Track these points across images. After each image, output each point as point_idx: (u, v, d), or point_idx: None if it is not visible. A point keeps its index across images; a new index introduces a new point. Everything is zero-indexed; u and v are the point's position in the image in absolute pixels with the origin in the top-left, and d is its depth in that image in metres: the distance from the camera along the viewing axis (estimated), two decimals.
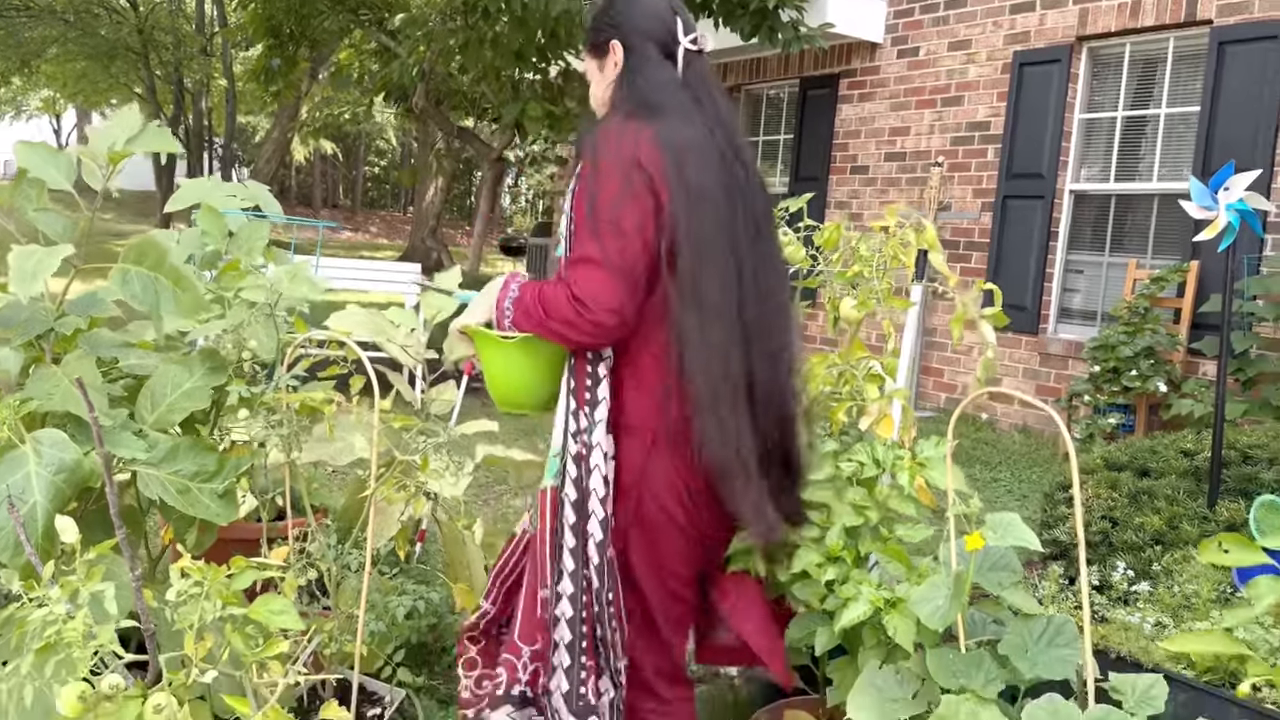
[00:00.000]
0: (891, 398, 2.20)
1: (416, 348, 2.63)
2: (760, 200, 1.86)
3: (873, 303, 2.16)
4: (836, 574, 1.80)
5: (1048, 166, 6.69)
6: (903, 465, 1.93)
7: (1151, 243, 6.30)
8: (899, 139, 7.69)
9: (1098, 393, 5.54)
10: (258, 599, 1.89)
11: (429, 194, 15.46)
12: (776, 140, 8.99)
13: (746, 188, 1.83)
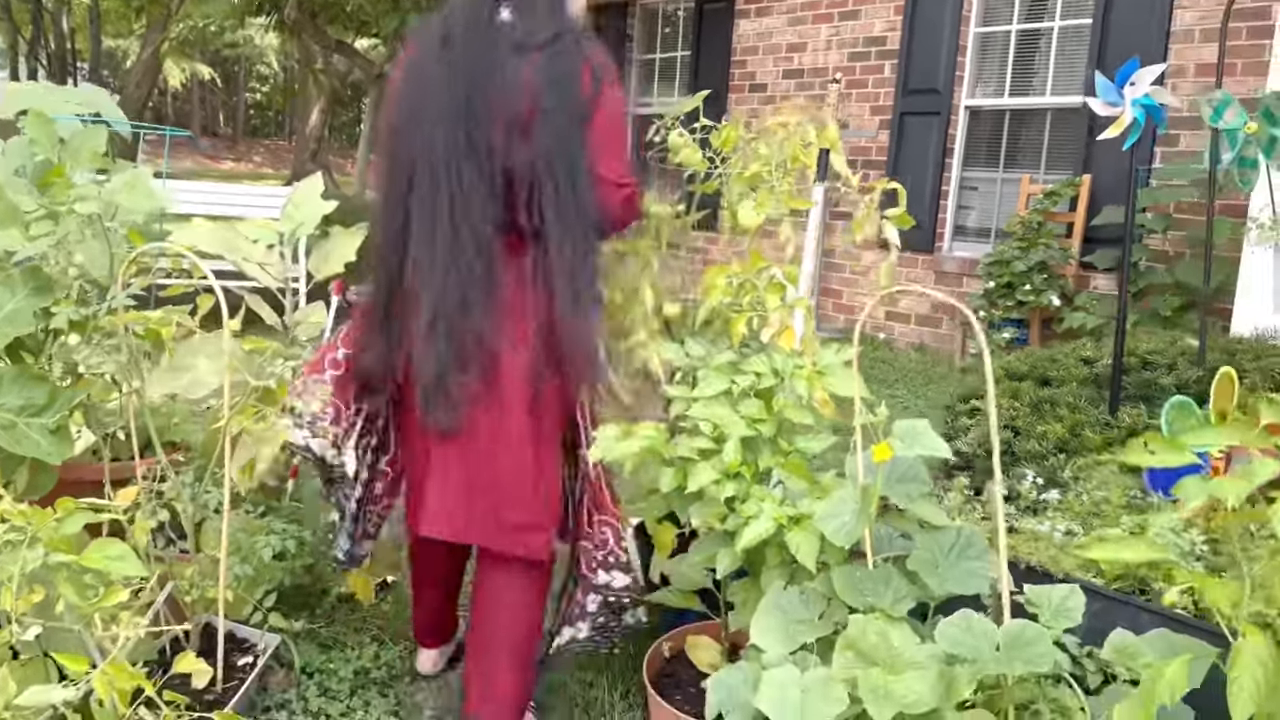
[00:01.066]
0: (793, 308, 2.07)
1: (277, 266, 2.39)
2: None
3: (771, 204, 2.02)
4: (736, 491, 1.67)
5: (944, 82, 6.63)
6: (801, 374, 1.81)
7: (1045, 158, 6.32)
8: (796, 55, 7.54)
9: (992, 308, 5.57)
10: (93, 544, 1.67)
11: (311, 117, 14.75)
12: (674, 57, 8.74)
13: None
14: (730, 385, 1.82)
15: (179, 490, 2.08)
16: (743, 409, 1.78)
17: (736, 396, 1.80)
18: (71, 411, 1.94)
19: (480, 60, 1.86)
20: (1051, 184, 5.97)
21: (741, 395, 1.80)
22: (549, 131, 1.82)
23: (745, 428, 1.73)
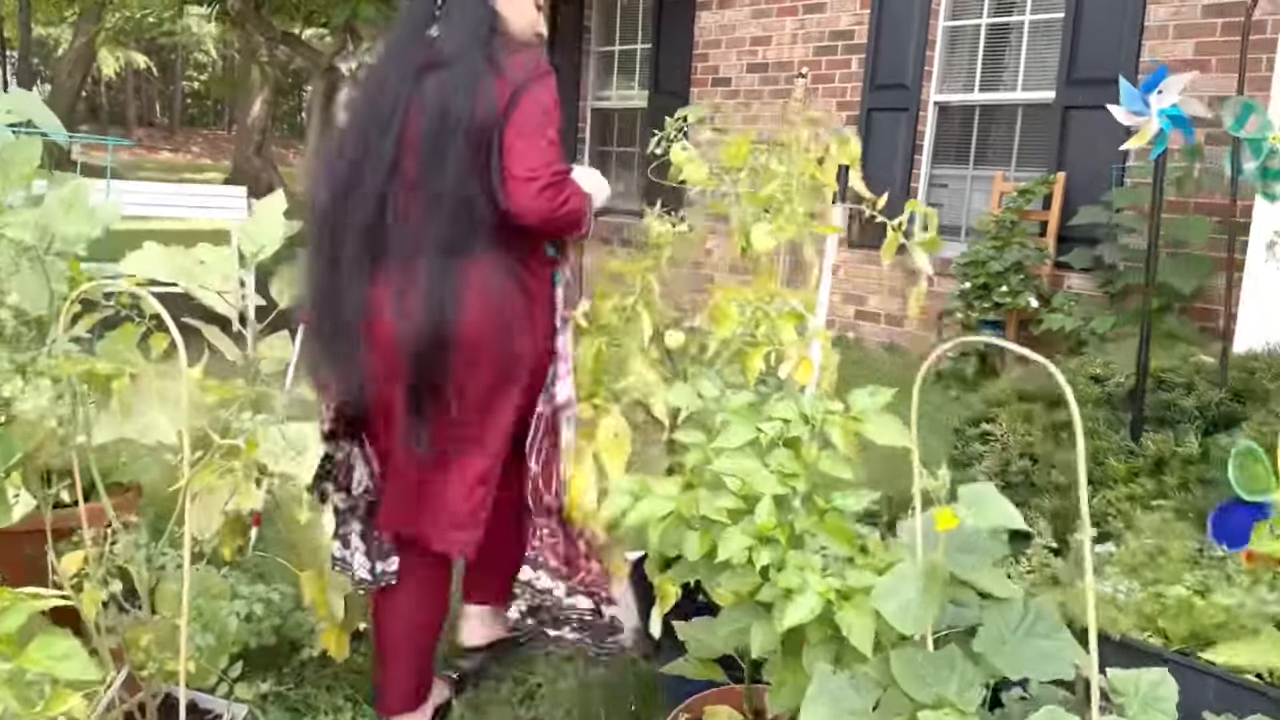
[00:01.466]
0: (811, 339, 1.90)
1: (236, 292, 2.16)
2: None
3: (793, 228, 1.84)
4: (771, 558, 1.49)
5: (912, 77, 6.51)
6: (835, 420, 1.63)
7: (1016, 155, 6.23)
8: (761, 49, 7.37)
9: (969, 309, 5.46)
10: (35, 640, 1.45)
11: (254, 108, 14.27)
12: (633, 50, 8.53)
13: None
14: (757, 434, 1.63)
15: (131, 552, 1.85)
16: (772, 461, 1.60)
17: (765, 447, 1.61)
18: (8, 473, 1.70)
19: (398, 76, 2.00)
20: (1024, 182, 5.87)
21: (771, 445, 1.62)
22: (427, 149, 1.95)
23: (777, 484, 1.55)
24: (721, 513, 1.53)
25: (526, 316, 2.02)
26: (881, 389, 1.67)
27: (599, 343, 2.14)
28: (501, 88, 1.95)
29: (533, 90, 1.95)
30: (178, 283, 2.01)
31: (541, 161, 1.92)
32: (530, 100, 1.95)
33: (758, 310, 1.90)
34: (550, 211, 1.93)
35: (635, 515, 1.57)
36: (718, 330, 1.89)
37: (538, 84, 1.97)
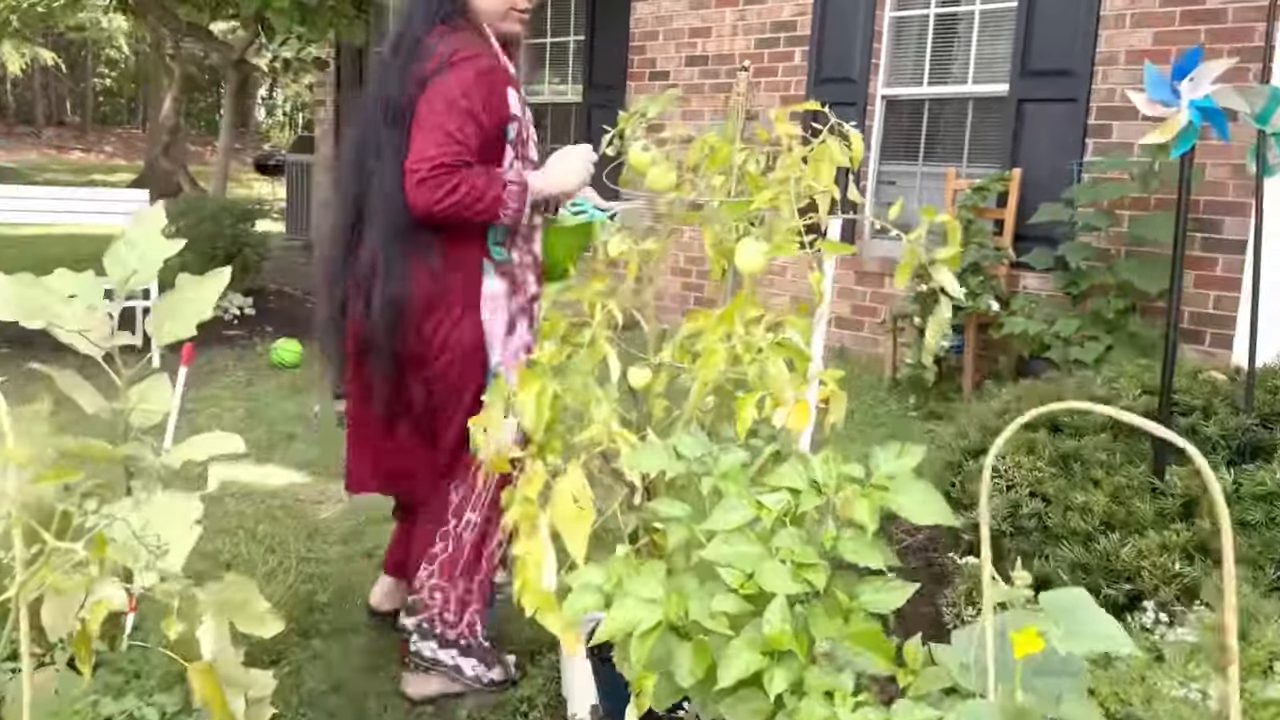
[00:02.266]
0: (810, 380, 1.57)
1: (101, 330, 1.76)
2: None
3: (792, 247, 1.51)
4: (788, 680, 1.16)
5: (859, 70, 6.25)
6: (856, 491, 1.30)
7: (968, 150, 6.00)
8: (700, 41, 7.05)
9: (925, 314, 5.20)
10: None
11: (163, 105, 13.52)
12: (566, 43, 8.15)
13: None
14: (758, 510, 1.29)
15: None
16: (780, 545, 1.26)
17: (770, 527, 1.28)
18: None
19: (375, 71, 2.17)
20: (978, 178, 5.64)
21: (776, 524, 1.28)
22: (372, 141, 2.08)
23: (790, 579, 1.21)
24: (721, 619, 1.19)
25: (442, 305, 2.07)
26: (910, 446, 1.34)
27: (548, 385, 1.78)
28: (420, 75, 1.97)
29: (441, 79, 1.95)
30: (17, 320, 1.60)
31: (423, 155, 1.92)
32: (436, 90, 1.95)
33: (747, 344, 1.56)
34: (428, 205, 1.93)
35: (610, 625, 1.21)
36: (700, 372, 1.54)
37: (449, 72, 1.95)
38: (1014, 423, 1.01)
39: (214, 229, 6.32)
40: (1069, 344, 4.83)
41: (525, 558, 1.62)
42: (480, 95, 1.96)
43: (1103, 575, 1.97)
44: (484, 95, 1.97)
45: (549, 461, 1.74)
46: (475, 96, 1.95)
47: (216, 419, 4.38)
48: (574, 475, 1.63)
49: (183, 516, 1.52)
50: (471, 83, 1.95)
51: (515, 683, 2.31)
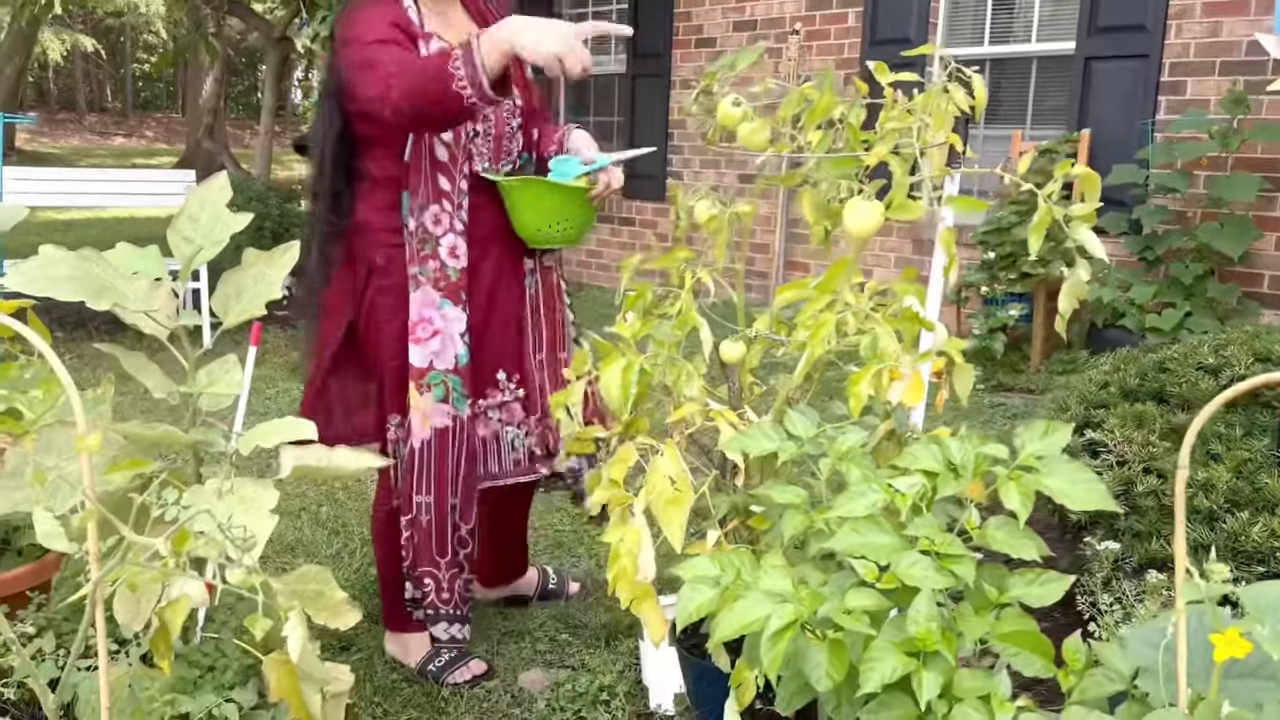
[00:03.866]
0: (928, 351, 1.44)
1: (167, 309, 1.67)
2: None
3: (917, 206, 1.37)
4: (938, 683, 1.04)
5: (915, 31, 6.03)
6: (1004, 472, 1.18)
7: (1031, 112, 5.78)
8: (748, 5, 6.86)
9: (994, 282, 5.02)
10: None
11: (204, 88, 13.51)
12: (609, 11, 7.98)
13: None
14: (889, 495, 1.17)
15: (31, 669, 1.37)
16: (917, 534, 1.14)
17: (907, 514, 1.16)
18: None
19: None
20: (1043, 140, 5.43)
21: (913, 510, 1.16)
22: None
23: (936, 573, 1.09)
24: (860, 618, 1.07)
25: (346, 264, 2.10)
26: (1056, 424, 1.21)
27: (635, 360, 1.67)
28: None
29: (340, 57, 1.98)
30: (83, 300, 1.52)
31: (370, 83, 1.88)
32: (344, 47, 1.96)
33: (857, 314, 1.43)
34: (372, 100, 1.88)
35: (732, 622, 1.10)
36: (809, 344, 1.42)
37: (338, 31, 1.99)
38: (1217, 398, 0.89)
39: (261, 209, 6.27)
40: (1144, 311, 4.64)
41: (619, 546, 1.52)
42: (381, 30, 1.92)
43: (1230, 557, 1.83)
44: (384, 28, 1.93)
45: (639, 442, 1.63)
46: (376, 34, 1.91)
47: (272, 401, 4.33)
48: (670, 455, 1.51)
49: (260, 505, 1.43)
50: (361, 30, 1.93)
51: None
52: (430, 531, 2.13)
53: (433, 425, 2.08)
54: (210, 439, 1.60)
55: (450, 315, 2.07)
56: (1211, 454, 2.05)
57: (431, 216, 2.04)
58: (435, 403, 2.07)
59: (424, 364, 2.06)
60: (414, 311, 2.05)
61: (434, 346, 2.07)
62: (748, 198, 1.81)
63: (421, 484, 2.11)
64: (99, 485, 1.47)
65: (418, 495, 2.12)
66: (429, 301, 2.05)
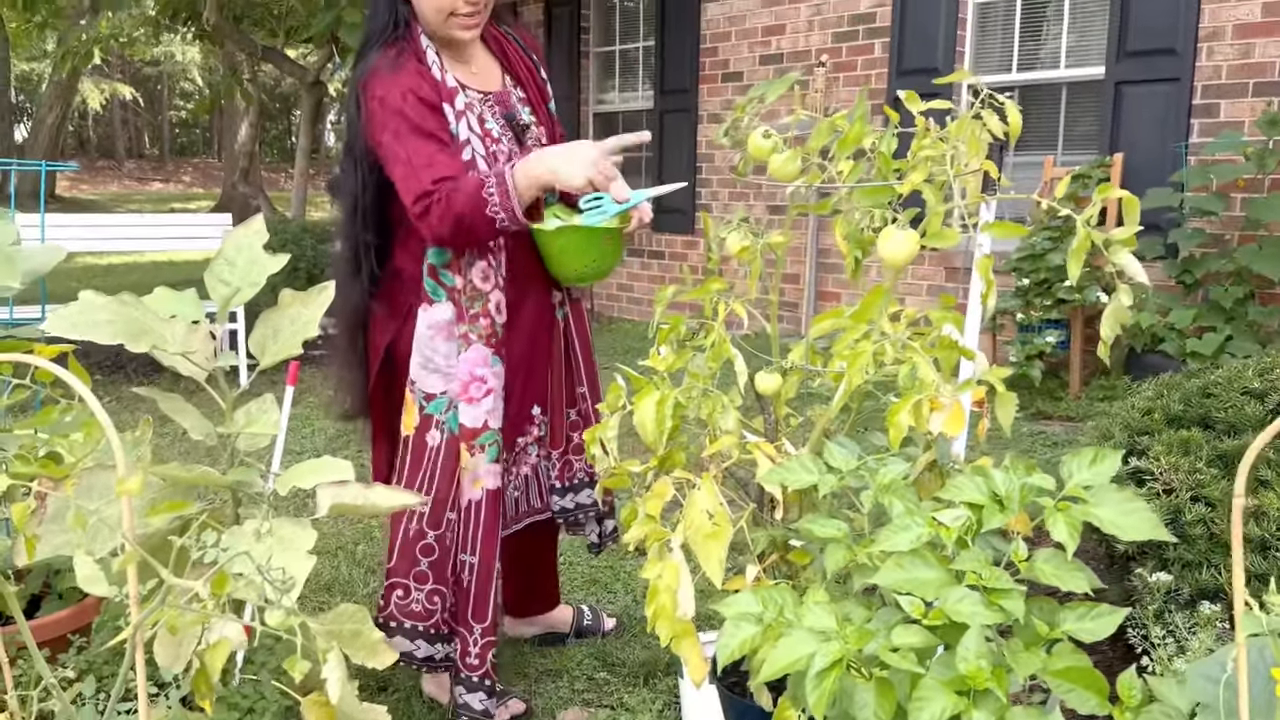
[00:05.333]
0: (969, 380, 1.42)
1: (205, 350, 1.68)
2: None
3: (954, 234, 1.36)
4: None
5: (943, 60, 6.03)
6: (1051, 505, 1.15)
7: (1062, 137, 5.75)
8: (774, 39, 6.90)
9: (1029, 309, 4.97)
10: None
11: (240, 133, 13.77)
12: (636, 49, 8.06)
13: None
14: (933, 528, 1.15)
15: (71, 713, 1.37)
16: (965, 566, 1.12)
17: (954, 547, 1.13)
18: None
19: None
20: (1076, 166, 5.39)
21: (959, 543, 1.14)
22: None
23: (985, 608, 1.06)
24: (907, 655, 1.05)
25: (375, 318, 2.12)
26: (1104, 451, 1.19)
27: (670, 393, 1.66)
28: (355, 99, 2.02)
29: (373, 108, 1.95)
30: (122, 342, 1.53)
31: (407, 193, 1.92)
32: (371, 120, 1.95)
33: (896, 343, 1.42)
34: (435, 239, 1.96)
35: (776, 660, 1.08)
36: (848, 375, 1.40)
37: (363, 97, 1.98)
38: (1271, 427, 0.86)
39: (297, 251, 6.35)
40: (1184, 336, 4.57)
41: (657, 582, 1.50)
42: (410, 105, 1.93)
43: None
44: (413, 103, 1.93)
45: (675, 475, 1.61)
46: (405, 108, 1.92)
47: (308, 439, 4.35)
48: (707, 489, 1.50)
49: (298, 546, 1.42)
50: (382, 92, 1.94)
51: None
52: (470, 593, 2.08)
53: (484, 486, 2.05)
54: (248, 479, 1.60)
55: (499, 372, 2.06)
56: (1261, 480, 2.00)
57: (479, 272, 2.03)
58: (488, 463, 2.05)
59: (478, 424, 2.03)
60: (464, 371, 2.03)
61: (488, 405, 2.04)
62: (779, 228, 1.80)
63: (468, 544, 2.08)
64: (138, 527, 1.47)
65: (464, 554, 2.08)
66: (482, 360, 2.03)
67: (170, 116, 35.23)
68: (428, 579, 2.08)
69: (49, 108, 19.08)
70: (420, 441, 2.07)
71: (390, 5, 2.00)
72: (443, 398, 2.06)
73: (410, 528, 2.08)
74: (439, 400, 2.06)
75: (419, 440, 2.07)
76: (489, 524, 2.07)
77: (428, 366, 2.06)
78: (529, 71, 2.19)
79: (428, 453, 2.07)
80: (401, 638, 2.09)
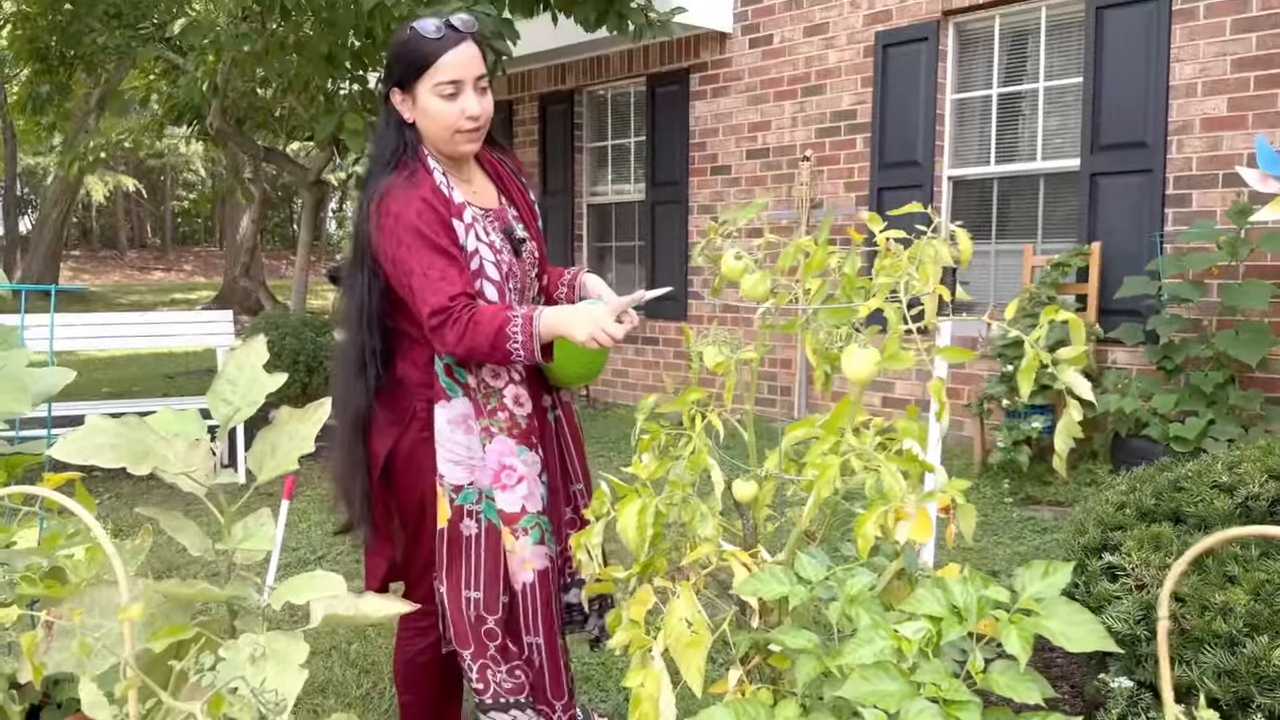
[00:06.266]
0: (933, 490, 1.49)
1: (205, 467, 1.76)
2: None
3: (909, 356, 1.45)
4: None
5: (923, 153, 6.23)
6: (1004, 618, 1.22)
7: (1041, 226, 5.91)
8: (760, 134, 7.13)
9: (1013, 394, 5.07)
10: None
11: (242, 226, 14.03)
12: (627, 144, 8.30)
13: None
14: (897, 641, 1.21)
15: None
16: (924, 679, 1.18)
17: (915, 658, 1.19)
18: None
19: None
20: (1054, 254, 5.54)
21: (921, 654, 1.20)
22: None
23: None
24: None
25: (384, 420, 2.18)
26: (1056, 564, 1.26)
27: (651, 501, 1.73)
28: (368, 220, 2.10)
29: (385, 225, 2.04)
30: (125, 466, 1.61)
31: (424, 304, 2.01)
32: (385, 241, 2.04)
33: (862, 455, 1.49)
34: (450, 350, 2.04)
35: None
36: (817, 487, 1.48)
37: (383, 216, 2.05)
38: (1184, 557, 0.94)
39: (296, 344, 6.46)
40: (1167, 420, 4.65)
41: (639, 691, 1.55)
42: (425, 221, 2.03)
43: (1254, 683, 1.83)
44: (428, 219, 2.03)
45: (655, 583, 1.67)
46: (419, 224, 2.02)
47: (304, 535, 4.39)
48: (686, 598, 1.56)
49: (291, 659, 1.48)
50: (398, 213, 2.03)
51: None
52: (544, 671, 2.16)
53: (534, 568, 2.12)
54: (244, 594, 1.66)
55: (529, 460, 2.13)
56: (1229, 576, 2.06)
57: (490, 371, 2.12)
58: (533, 545, 2.11)
59: (516, 509, 2.10)
60: (493, 460, 2.11)
61: (522, 491, 2.11)
62: (757, 340, 1.89)
63: (530, 625, 2.14)
64: (138, 643, 1.53)
65: (528, 636, 2.15)
66: (507, 450, 2.11)
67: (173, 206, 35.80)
68: (500, 661, 2.15)
69: (54, 202, 19.46)
70: (455, 533, 2.14)
71: (399, 131, 2.12)
72: (471, 489, 2.13)
73: (470, 614, 2.15)
74: (467, 492, 2.14)
75: (454, 532, 2.14)
76: (544, 603, 2.14)
77: (451, 459, 2.13)
78: (520, 192, 2.32)
79: (464, 543, 2.14)
80: (498, 713, 2.15)
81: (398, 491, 2.22)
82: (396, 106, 2.11)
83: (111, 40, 7.73)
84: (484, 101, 2.11)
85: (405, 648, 2.29)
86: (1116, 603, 2.10)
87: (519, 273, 2.21)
